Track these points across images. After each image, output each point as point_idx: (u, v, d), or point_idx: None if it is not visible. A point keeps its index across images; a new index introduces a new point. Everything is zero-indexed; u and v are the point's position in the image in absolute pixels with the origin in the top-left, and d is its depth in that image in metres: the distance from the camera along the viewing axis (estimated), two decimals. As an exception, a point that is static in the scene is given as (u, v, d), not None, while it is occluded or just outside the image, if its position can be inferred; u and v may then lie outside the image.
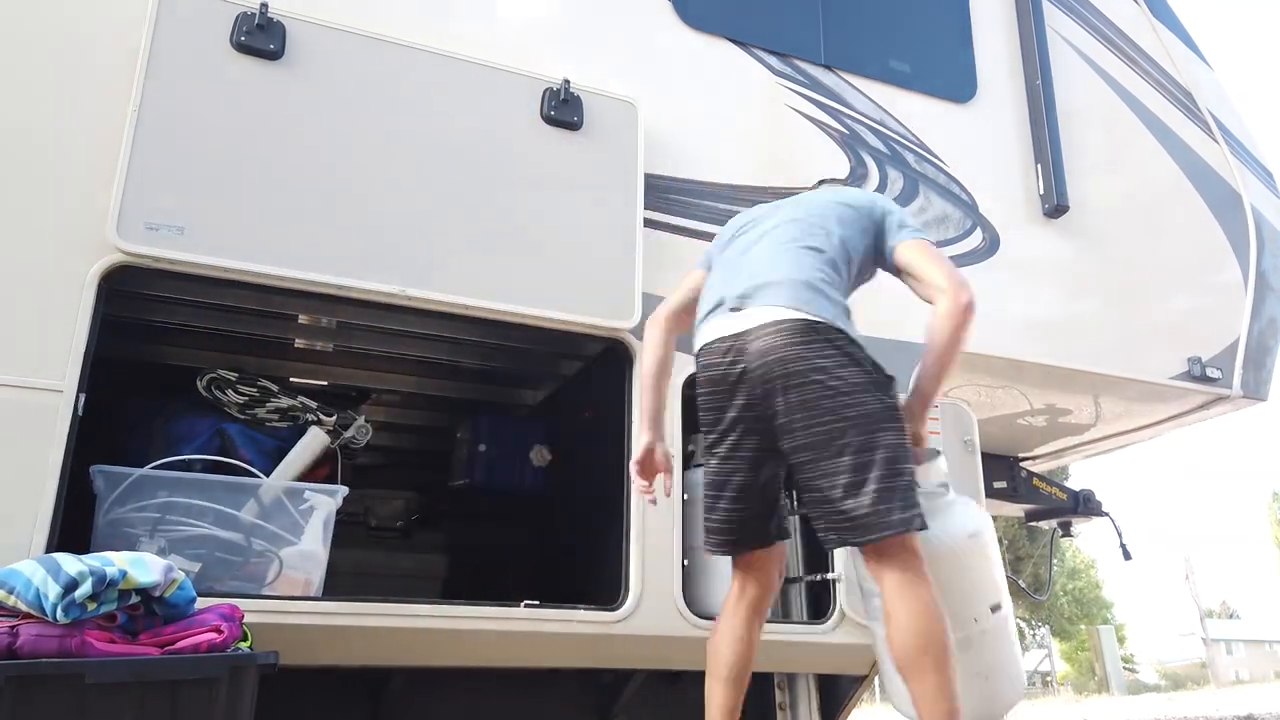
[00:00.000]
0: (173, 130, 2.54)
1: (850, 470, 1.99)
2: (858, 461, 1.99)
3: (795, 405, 2.03)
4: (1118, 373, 3.89)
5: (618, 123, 3.12)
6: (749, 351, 2.09)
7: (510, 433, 3.76)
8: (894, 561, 2.00)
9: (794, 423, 2.04)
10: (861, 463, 1.99)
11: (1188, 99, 4.45)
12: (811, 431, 2.02)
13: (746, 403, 2.11)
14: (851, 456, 1.99)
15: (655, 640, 2.81)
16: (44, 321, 2.35)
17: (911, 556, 2.01)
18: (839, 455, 2.00)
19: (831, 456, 2.00)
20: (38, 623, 1.77)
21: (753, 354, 2.08)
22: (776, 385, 2.05)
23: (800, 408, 2.03)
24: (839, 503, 2.00)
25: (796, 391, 2.03)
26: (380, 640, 2.54)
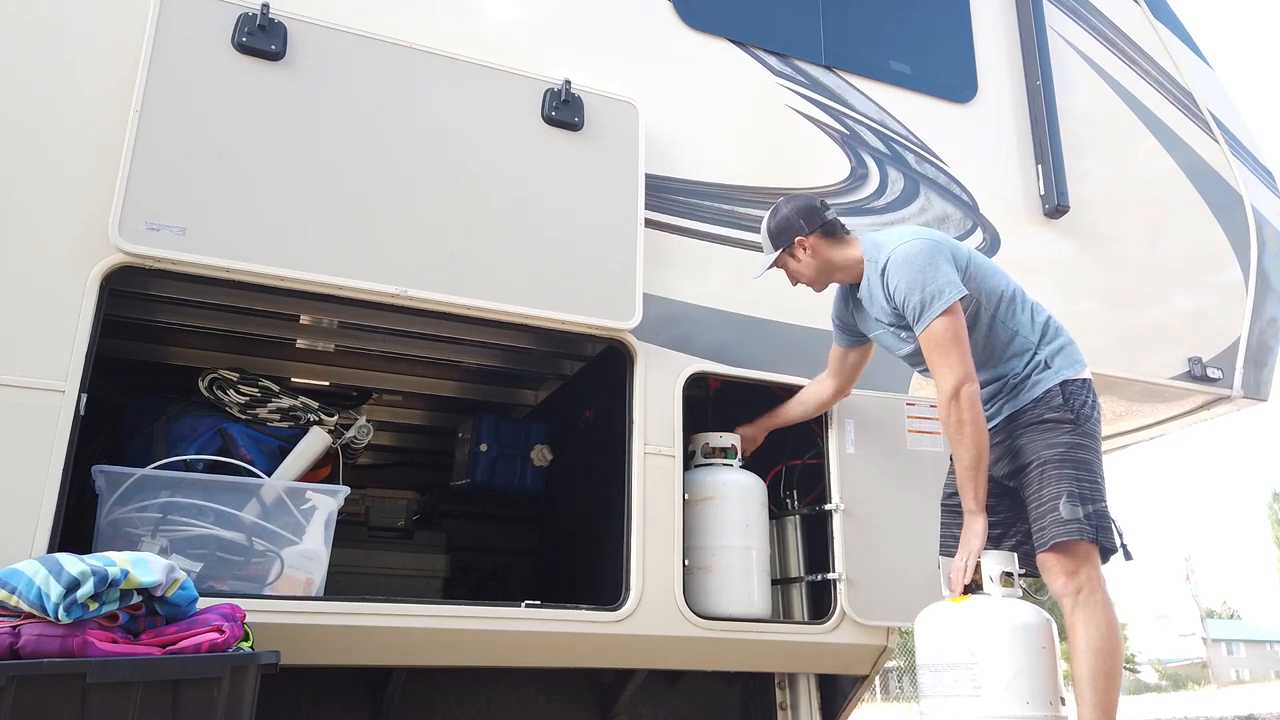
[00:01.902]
0: (174, 131, 2.54)
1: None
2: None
3: None
4: (1118, 373, 3.89)
5: (618, 123, 3.12)
6: None
7: (511, 432, 3.76)
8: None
9: None
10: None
11: (1188, 99, 4.45)
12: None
13: None
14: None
15: (655, 640, 2.82)
16: (46, 322, 2.35)
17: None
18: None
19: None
20: (40, 622, 1.77)
21: None
22: None
23: None
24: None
25: None
26: (381, 640, 2.54)
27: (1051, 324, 2.69)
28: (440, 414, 4.19)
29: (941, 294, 2.50)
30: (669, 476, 2.93)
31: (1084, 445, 2.49)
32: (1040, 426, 2.54)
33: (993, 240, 3.80)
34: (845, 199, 3.55)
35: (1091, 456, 2.49)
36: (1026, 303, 2.71)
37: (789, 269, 2.86)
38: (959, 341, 2.50)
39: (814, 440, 3.27)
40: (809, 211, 2.80)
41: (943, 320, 2.49)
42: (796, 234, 2.77)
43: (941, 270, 2.53)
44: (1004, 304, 2.66)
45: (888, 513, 3.11)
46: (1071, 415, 2.50)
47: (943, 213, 3.73)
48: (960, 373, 2.48)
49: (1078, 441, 2.49)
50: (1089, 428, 2.51)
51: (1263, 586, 62.92)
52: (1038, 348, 2.63)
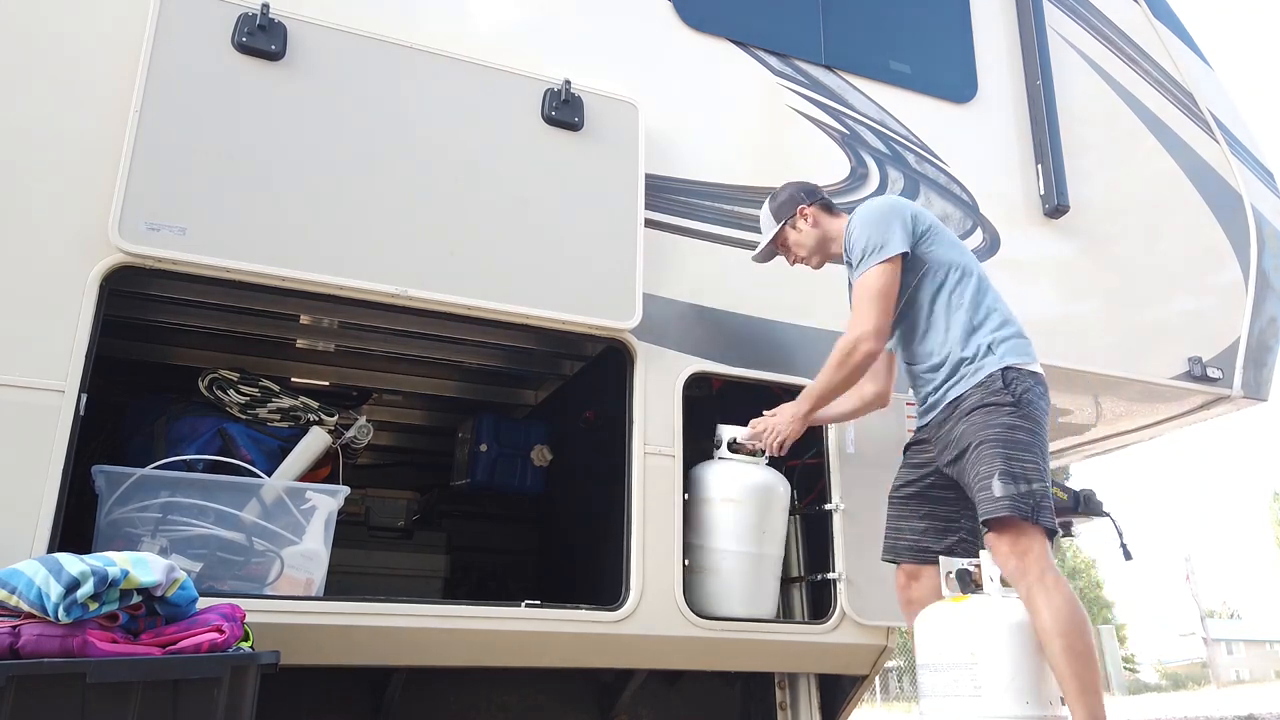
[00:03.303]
0: (174, 131, 2.54)
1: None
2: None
3: None
4: (1118, 373, 3.89)
5: (618, 123, 3.12)
6: None
7: (511, 432, 3.76)
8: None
9: None
10: None
11: (1188, 99, 4.45)
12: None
13: None
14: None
15: (655, 640, 2.82)
16: (46, 322, 2.35)
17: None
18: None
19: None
20: (39, 622, 1.77)
21: None
22: None
23: None
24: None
25: None
26: (381, 640, 2.54)
27: (1003, 313, 2.66)
28: (440, 414, 4.19)
29: (882, 247, 2.61)
30: (669, 476, 2.93)
31: (1022, 427, 2.46)
32: (980, 410, 2.51)
33: (993, 240, 3.80)
34: (845, 199, 3.55)
35: (1030, 439, 2.46)
36: (984, 287, 2.69)
37: (789, 242, 2.96)
38: (882, 297, 2.60)
39: (814, 440, 3.27)
40: (810, 187, 3.01)
41: (875, 271, 2.61)
42: (799, 203, 2.92)
43: (891, 227, 2.64)
44: (955, 277, 2.66)
45: (888, 513, 3.11)
46: (1012, 398, 2.48)
47: (943, 212, 3.73)
48: (870, 327, 2.58)
49: (1016, 423, 2.46)
50: (1030, 412, 2.48)
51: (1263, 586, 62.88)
52: (984, 332, 2.60)
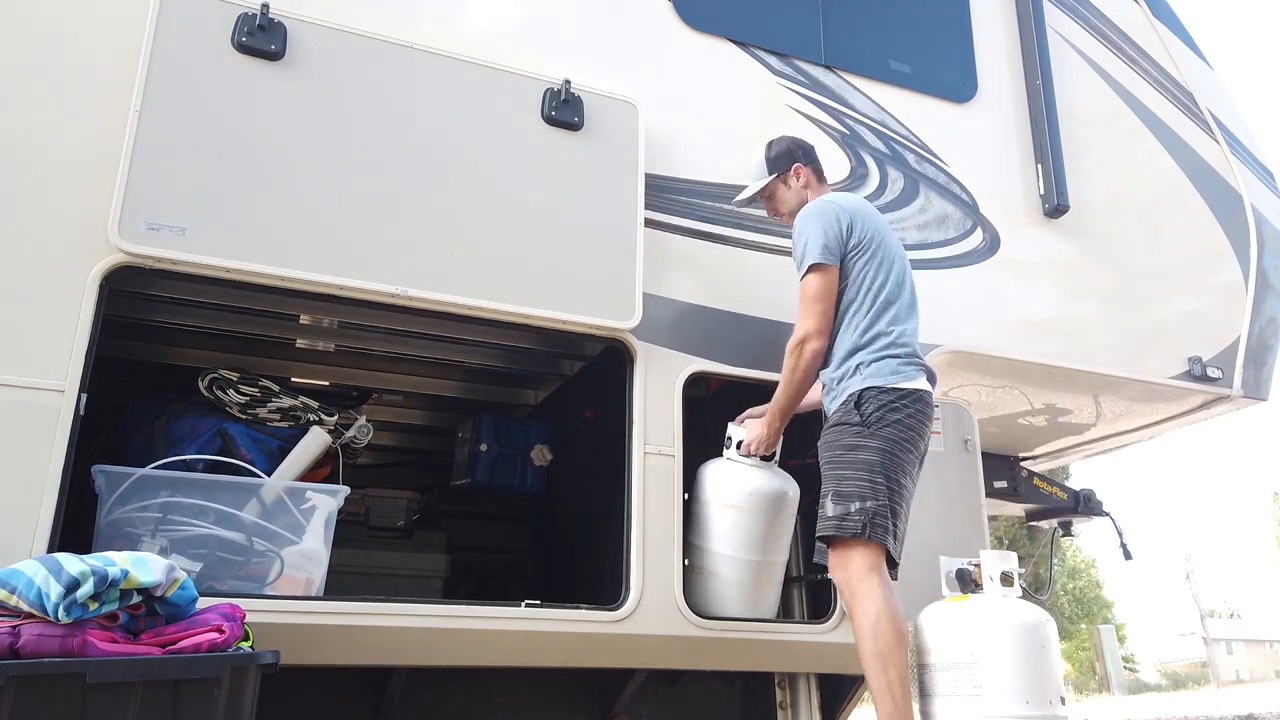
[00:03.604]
0: (174, 130, 2.54)
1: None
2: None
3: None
4: (1118, 372, 3.90)
5: (618, 123, 3.12)
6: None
7: (511, 432, 3.76)
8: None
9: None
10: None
11: (1188, 99, 4.45)
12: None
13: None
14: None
15: (655, 640, 2.82)
16: (46, 322, 2.35)
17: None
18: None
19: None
20: (39, 622, 1.77)
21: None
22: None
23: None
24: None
25: None
26: (381, 640, 2.54)
27: (892, 335, 2.68)
28: (440, 414, 4.19)
29: (816, 253, 2.72)
30: (669, 476, 2.92)
31: (865, 446, 2.55)
32: (829, 429, 2.68)
33: (992, 240, 3.80)
34: (845, 199, 3.54)
35: (873, 457, 2.52)
36: (889, 307, 2.72)
37: (776, 196, 3.04)
38: (820, 299, 2.71)
39: (814, 440, 3.27)
40: (807, 146, 3.10)
41: (810, 276, 2.73)
42: (794, 160, 3.02)
43: (826, 234, 2.73)
44: (862, 295, 2.73)
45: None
46: (859, 418, 2.58)
47: (942, 212, 3.73)
48: (811, 327, 2.70)
49: (859, 443, 2.56)
50: (881, 431, 2.55)
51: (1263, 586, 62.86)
52: (861, 352, 2.67)
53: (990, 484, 4.37)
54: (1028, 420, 4.42)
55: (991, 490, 4.48)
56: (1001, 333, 3.70)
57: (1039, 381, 3.97)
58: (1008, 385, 4.00)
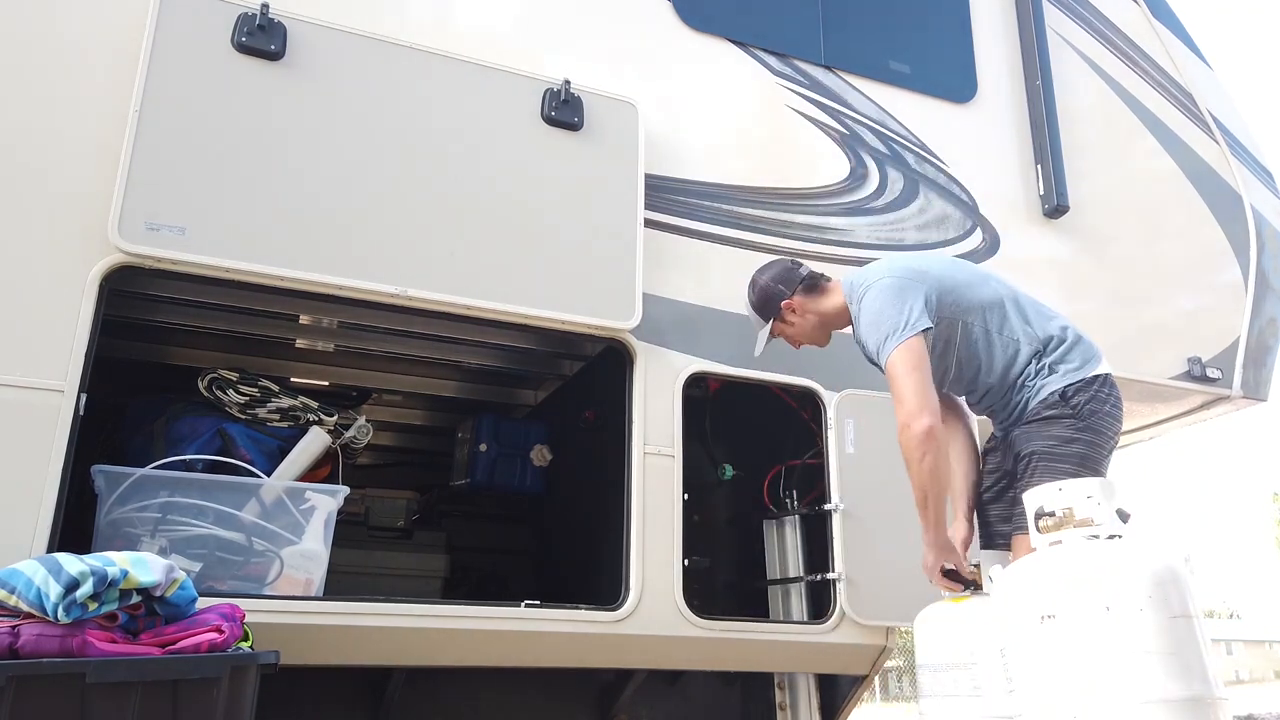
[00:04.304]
0: (174, 131, 2.54)
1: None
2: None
3: None
4: (1118, 373, 3.86)
5: (618, 123, 3.12)
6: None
7: (511, 432, 3.76)
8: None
9: None
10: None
11: (1188, 99, 4.45)
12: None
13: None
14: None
15: (655, 640, 2.82)
16: (45, 321, 2.35)
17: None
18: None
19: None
20: (39, 622, 1.77)
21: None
22: None
23: None
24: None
25: None
26: (381, 640, 2.54)
27: (1057, 328, 2.61)
28: (440, 414, 4.19)
29: (896, 330, 2.48)
30: (669, 476, 2.92)
31: (1080, 439, 2.45)
32: (1037, 422, 2.52)
33: (992, 240, 3.80)
34: (845, 199, 3.55)
35: (1089, 451, 2.44)
36: (1025, 308, 2.64)
37: (786, 335, 2.87)
38: (912, 374, 2.44)
39: (814, 440, 3.27)
40: (784, 275, 2.83)
41: (896, 353, 2.47)
42: (780, 299, 2.79)
43: (905, 304, 2.51)
44: (994, 315, 2.61)
45: (887, 513, 3.10)
46: (1070, 411, 2.47)
47: (942, 213, 3.73)
48: (908, 408, 2.42)
49: (1074, 436, 2.45)
50: (1093, 423, 2.47)
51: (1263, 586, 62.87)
52: (1042, 355, 2.57)
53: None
54: (1027, 420, 4.42)
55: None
56: (1001, 333, 3.69)
57: (1039, 382, 3.96)
58: (1007, 385, 3.99)
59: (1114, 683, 1.96)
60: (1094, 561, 2.08)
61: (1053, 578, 2.08)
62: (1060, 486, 2.17)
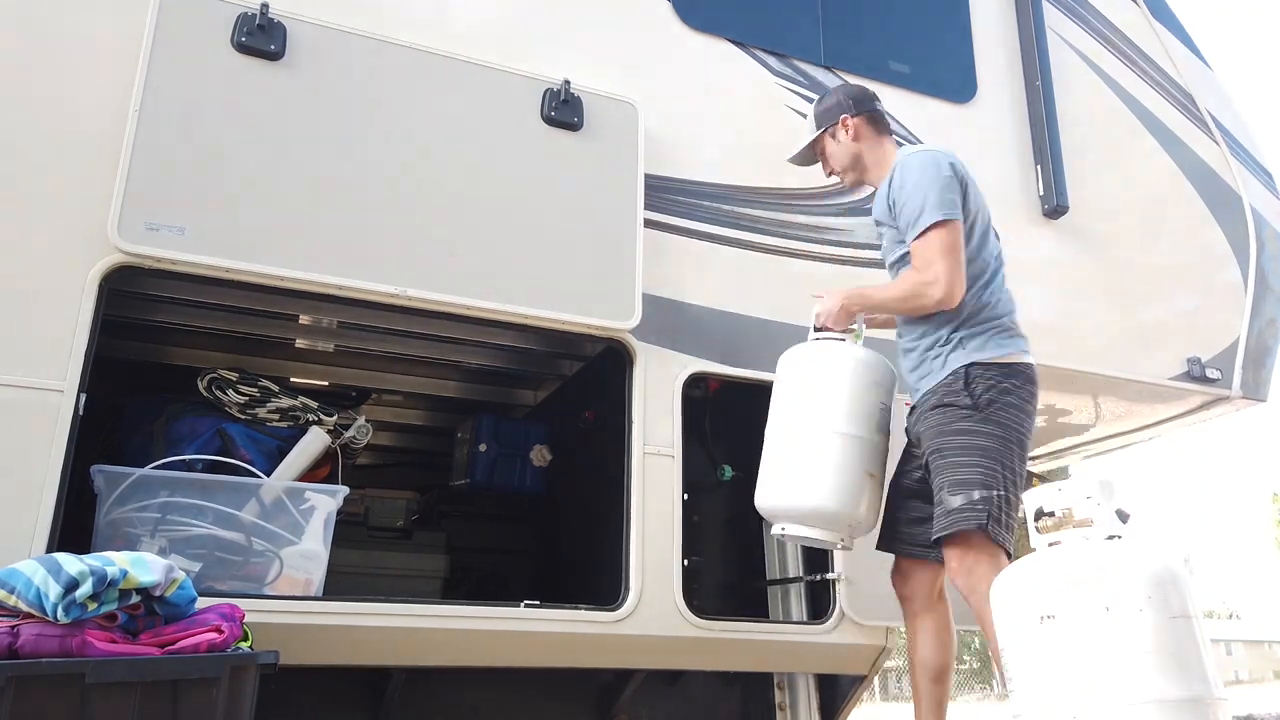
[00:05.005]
0: (173, 130, 2.54)
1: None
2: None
3: None
4: (1117, 373, 3.90)
5: (618, 123, 3.12)
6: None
7: (510, 432, 3.76)
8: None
9: None
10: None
11: (1187, 100, 4.45)
12: None
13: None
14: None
15: (655, 640, 2.82)
16: (45, 321, 2.35)
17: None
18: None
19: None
20: (38, 622, 1.77)
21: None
22: None
23: None
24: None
25: None
26: (380, 640, 2.54)
27: (991, 302, 2.52)
28: (440, 414, 4.19)
29: (930, 208, 2.45)
30: (669, 476, 2.93)
31: (982, 431, 2.37)
32: (937, 412, 2.45)
33: (992, 240, 3.79)
34: (845, 199, 3.55)
35: (990, 443, 2.35)
36: (992, 277, 2.58)
37: (826, 151, 2.81)
38: (950, 251, 2.43)
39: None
40: (861, 95, 2.84)
41: (935, 230, 2.44)
42: (843, 112, 2.78)
43: (945, 186, 2.49)
44: (979, 253, 2.57)
45: (887, 513, 3.11)
46: (969, 400, 2.40)
47: (942, 213, 3.73)
48: (937, 276, 2.41)
49: (975, 428, 2.37)
50: (994, 414, 2.38)
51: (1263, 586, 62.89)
52: (961, 324, 2.49)
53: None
54: (1027, 421, 4.42)
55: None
56: (1001, 333, 3.69)
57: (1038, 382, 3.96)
58: (1007, 386, 3.99)
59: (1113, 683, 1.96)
60: (1093, 562, 2.08)
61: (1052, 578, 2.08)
62: (1060, 487, 2.17)
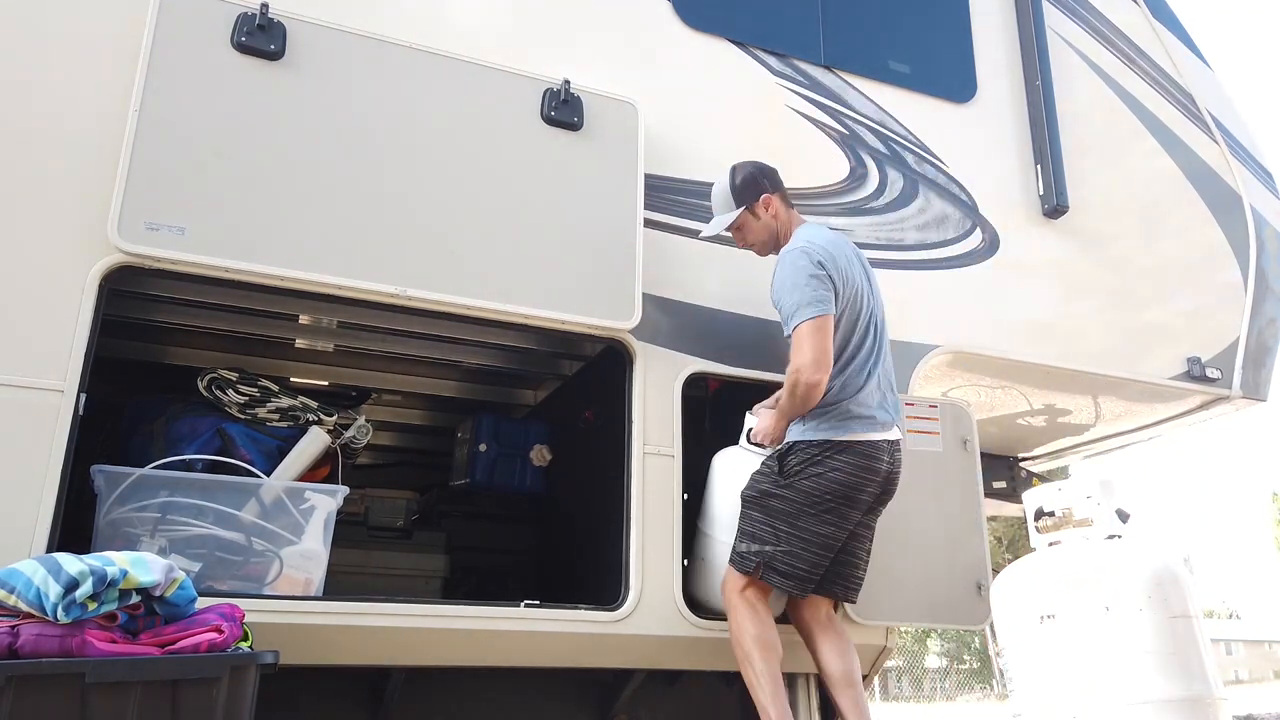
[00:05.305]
0: (173, 130, 2.54)
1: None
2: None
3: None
4: (1117, 373, 3.90)
5: (618, 123, 3.12)
6: (899, 457, 2.79)
7: (510, 432, 3.76)
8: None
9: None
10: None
11: (1187, 100, 4.45)
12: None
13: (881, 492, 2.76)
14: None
15: (655, 640, 2.82)
16: (45, 321, 2.35)
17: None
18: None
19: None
20: (38, 622, 1.77)
21: (899, 458, 2.79)
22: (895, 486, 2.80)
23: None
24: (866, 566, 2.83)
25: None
26: (380, 640, 2.54)
27: (833, 389, 2.69)
28: (440, 414, 4.19)
29: (803, 311, 2.65)
30: (668, 476, 2.93)
31: (779, 495, 2.68)
32: (755, 472, 2.78)
33: (992, 240, 3.80)
34: (845, 199, 3.55)
35: (785, 506, 2.66)
36: (846, 364, 2.73)
37: (746, 227, 2.96)
38: (818, 333, 2.63)
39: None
40: (772, 173, 2.99)
41: (806, 325, 2.65)
42: (763, 191, 2.93)
43: (816, 284, 2.68)
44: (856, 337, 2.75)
45: (888, 512, 3.10)
46: (777, 468, 2.70)
47: (942, 213, 3.73)
48: (807, 359, 2.61)
49: (773, 491, 2.69)
50: (797, 482, 2.66)
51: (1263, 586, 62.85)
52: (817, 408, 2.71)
53: (990, 484, 4.38)
54: (1027, 421, 4.42)
55: (991, 490, 4.48)
56: (1001, 333, 3.70)
57: (1038, 382, 3.97)
58: (1007, 386, 4.00)
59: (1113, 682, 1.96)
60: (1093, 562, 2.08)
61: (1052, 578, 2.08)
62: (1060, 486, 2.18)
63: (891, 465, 2.74)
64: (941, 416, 3.35)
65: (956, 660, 27.64)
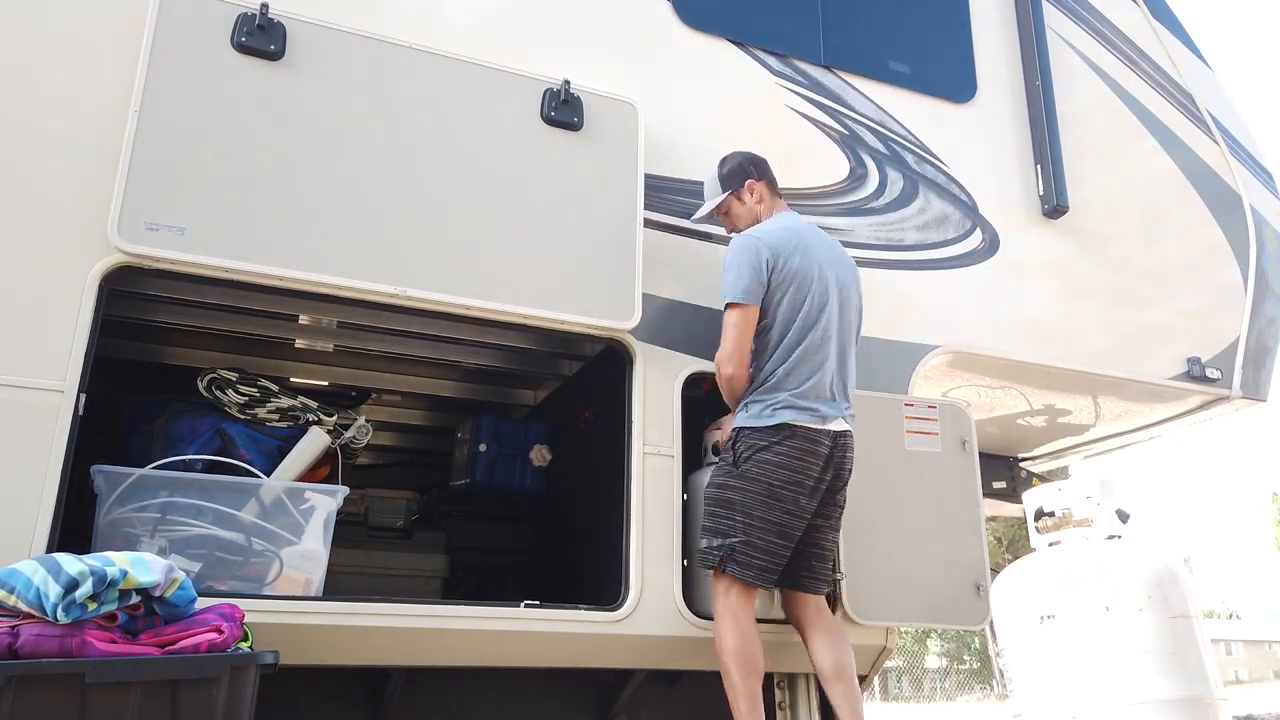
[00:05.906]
0: (173, 130, 2.54)
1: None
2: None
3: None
4: (1117, 373, 3.90)
5: (618, 123, 3.12)
6: (848, 447, 2.79)
7: (510, 432, 3.76)
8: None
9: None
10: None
11: (1187, 100, 4.45)
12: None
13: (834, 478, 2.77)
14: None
15: (655, 640, 2.82)
16: (45, 322, 2.35)
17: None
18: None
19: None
20: (38, 622, 1.77)
21: (847, 447, 2.79)
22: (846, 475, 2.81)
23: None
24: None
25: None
26: (380, 640, 2.54)
27: (776, 377, 2.73)
28: (440, 414, 4.19)
29: (731, 292, 2.75)
30: (668, 476, 2.93)
31: (733, 486, 2.69)
32: (713, 465, 2.83)
33: (992, 240, 3.80)
34: (845, 199, 3.55)
35: (738, 496, 2.67)
36: (789, 350, 2.74)
37: (732, 212, 3.03)
38: (735, 330, 2.73)
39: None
40: (760, 161, 3.07)
41: (731, 311, 2.75)
42: (748, 177, 3.01)
43: (744, 272, 2.75)
44: (769, 335, 2.77)
45: (888, 513, 3.11)
46: (731, 459, 2.73)
47: (942, 213, 3.73)
48: (721, 354, 2.75)
49: (727, 482, 2.71)
50: (747, 469, 2.68)
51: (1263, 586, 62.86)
52: (753, 391, 2.75)
53: (989, 484, 4.37)
54: (1027, 421, 4.42)
55: (990, 490, 4.48)
56: (1001, 333, 3.70)
57: (1038, 382, 3.97)
58: (1007, 386, 4.00)
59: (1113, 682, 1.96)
60: (1093, 562, 2.08)
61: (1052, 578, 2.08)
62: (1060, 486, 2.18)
63: (835, 450, 2.74)
64: (940, 417, 3.35)
65: (956, 660, 27.64)
